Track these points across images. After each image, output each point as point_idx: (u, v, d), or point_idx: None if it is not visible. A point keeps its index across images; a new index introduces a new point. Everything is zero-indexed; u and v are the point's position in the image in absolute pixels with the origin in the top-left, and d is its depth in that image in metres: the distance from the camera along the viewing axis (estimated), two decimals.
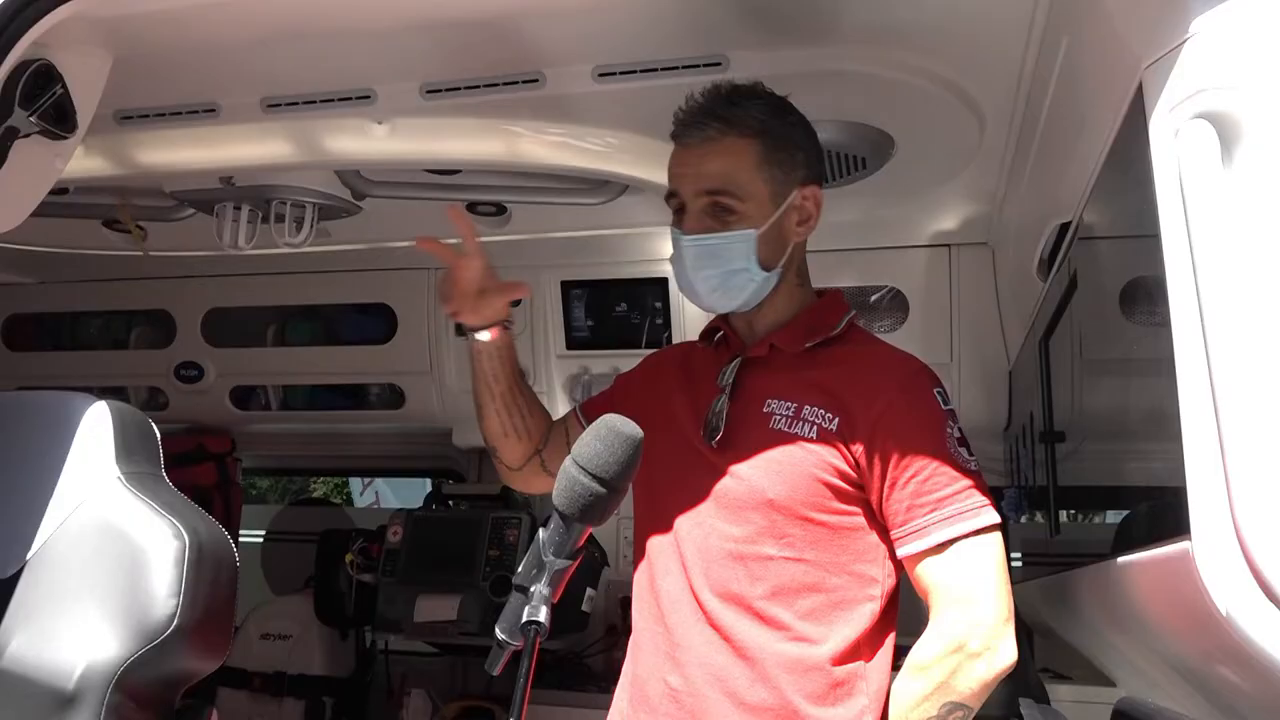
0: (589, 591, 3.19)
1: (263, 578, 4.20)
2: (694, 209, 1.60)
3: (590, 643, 3.35)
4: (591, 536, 3.49)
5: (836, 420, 1.52)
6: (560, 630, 3.24)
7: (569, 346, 3.27)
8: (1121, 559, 1.41)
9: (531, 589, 1.20)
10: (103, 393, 3.63)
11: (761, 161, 1.58)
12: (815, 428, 1.53)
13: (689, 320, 3.03)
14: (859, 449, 1.51)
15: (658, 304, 3.15)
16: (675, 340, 3.06)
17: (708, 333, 1.75)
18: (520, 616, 1.18)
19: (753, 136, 1.58)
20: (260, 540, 4.45)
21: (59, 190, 2.58)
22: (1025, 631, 2.93)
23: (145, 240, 2.82)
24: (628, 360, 3.16)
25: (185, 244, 2.83)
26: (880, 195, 2.37)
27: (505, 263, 3.13)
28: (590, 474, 1.21)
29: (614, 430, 1.22)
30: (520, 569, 1.24)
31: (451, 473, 3.93)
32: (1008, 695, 1.76)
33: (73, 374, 3.67)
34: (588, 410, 1.87)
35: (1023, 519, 2.90)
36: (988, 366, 2.92)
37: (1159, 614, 1.30)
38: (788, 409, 1.56)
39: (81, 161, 2.33)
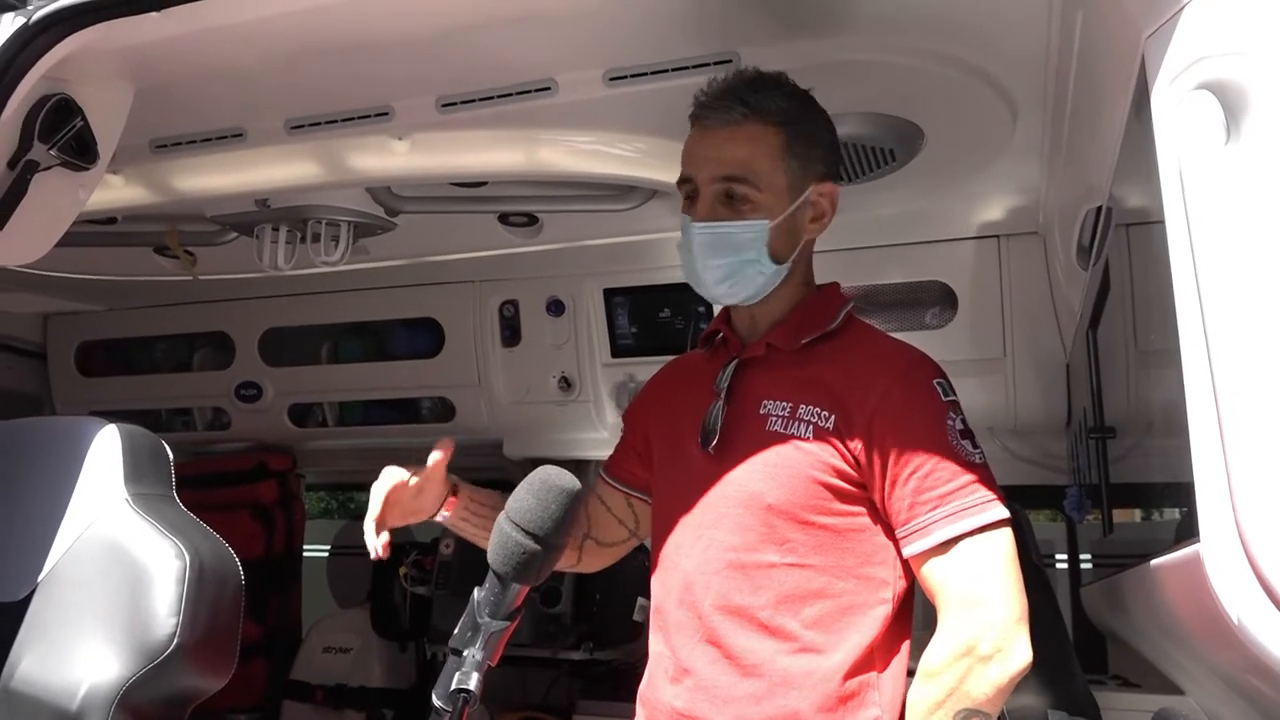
0: (640, 601, 3.16)
1: (328, 592, 4.28)
2: (708, 195, 1.54)
3: (645, 653, 3.31)
4: (642, 545, 3.48)
5: (833, 418, 1.46)
6: (612, 640, 3.22)
7: (614, 354, 3.26)
8: (1154, 561, 1.33)
9: (465, 653, 1.14)
10: (170, 415, 3.81)
11: (783, 152, 1.53)
12: (811, 427, 1.47)
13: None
14: (857, 446, 1.44)
15: (701, 308, 3.11)
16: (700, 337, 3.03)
17: (708, 336, 1.70)
18: (452, 683, 1.12)
19: (776, 125, 1.53)
20: (326, 554, 4.54)
21: (108, 220, 2.68)
22: (1097, 636, 2.82)
23: (195, 265, 2.90)
24: None
25: (232, 267, 2.90)
26: (914, 187, 2.30)
27: (546, 272, 3.19)
28: (524, 530, 1.16)
29: (547, 484, 1.17)
30: (456, 630, 1.18)
31: (504, 483, 3.94)
32: (1041, 706, 1.67)
33: (141, 397, 3.81)
34: (610, 470, 1.83)
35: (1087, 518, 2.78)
36: (1043, 360, 2.82)
37: (1185, 619, 1.22)
38: (783, 409, 1.50)
39: (124, 191, 2.41)
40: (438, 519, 1.74)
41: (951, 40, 1.75)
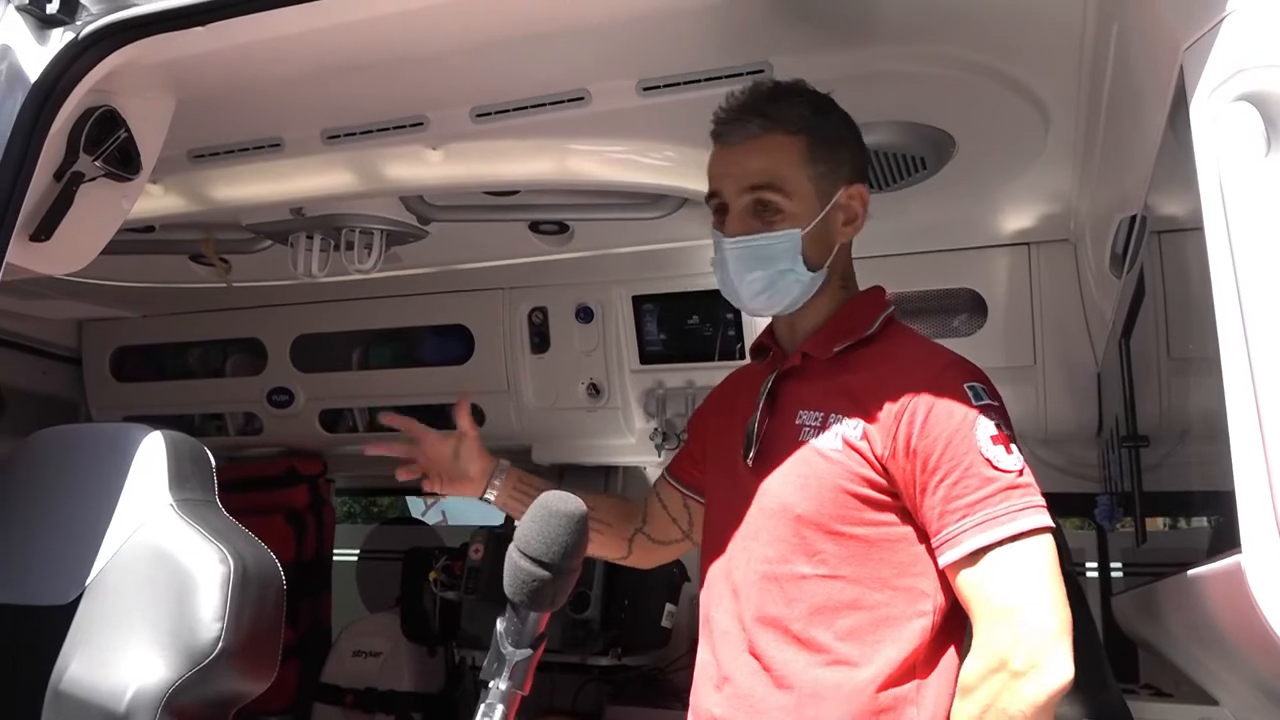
0: (669, 607, 3.17)
1: (358, 596, 4.31)
2: (737, 208, 1.54)
3: (674, 658, 3.32)
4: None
5: (861, 426, 1.44)
6: (641, 646, 3.23)
7: (643, 361, 3.27)
8: (1191, 571, 1.33)
9: (491, 684, 1.17)
10: (203, 419, 3.85)
11: (806, 159, 1.53)
12: (840, 437, 1.46)
13: (761, 330, 3.00)
14: (886, 455, 1.42)
15: (729, 315, 3.12)
16: (749, 351, 3.03)
17: (756, 349, 1.71)
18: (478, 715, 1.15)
19: (797, 133, 1.53)
20: (355, 559, 4.57)
21: (146, 229, 2.72)
22: (1128, 646, 2.79)
23: (229, 272, 2.94)
24: (702, 373, 3.17)
25: (266, 274, 2.93)
26: (945, 195, 2.30)
27: (575, 279, 3.21)
28: (530, 558, 1.18)
29: (549, 510, 1.19)
30: (485, 661, 1.20)
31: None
32: (1075, 716, 1.66)
33: (175, 402, 3.85)
34: (672, 470, 1.88)
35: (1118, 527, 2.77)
36: (1074, 369, 2.81)
37: (1223, 630, 1.22)
38: (816, 419, 1.49)
39: (162, 200, 2.45)
40: (487, 497, 1.84)
41: (984, 49, 1.76)
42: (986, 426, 1.40)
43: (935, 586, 1.44)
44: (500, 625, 1.20)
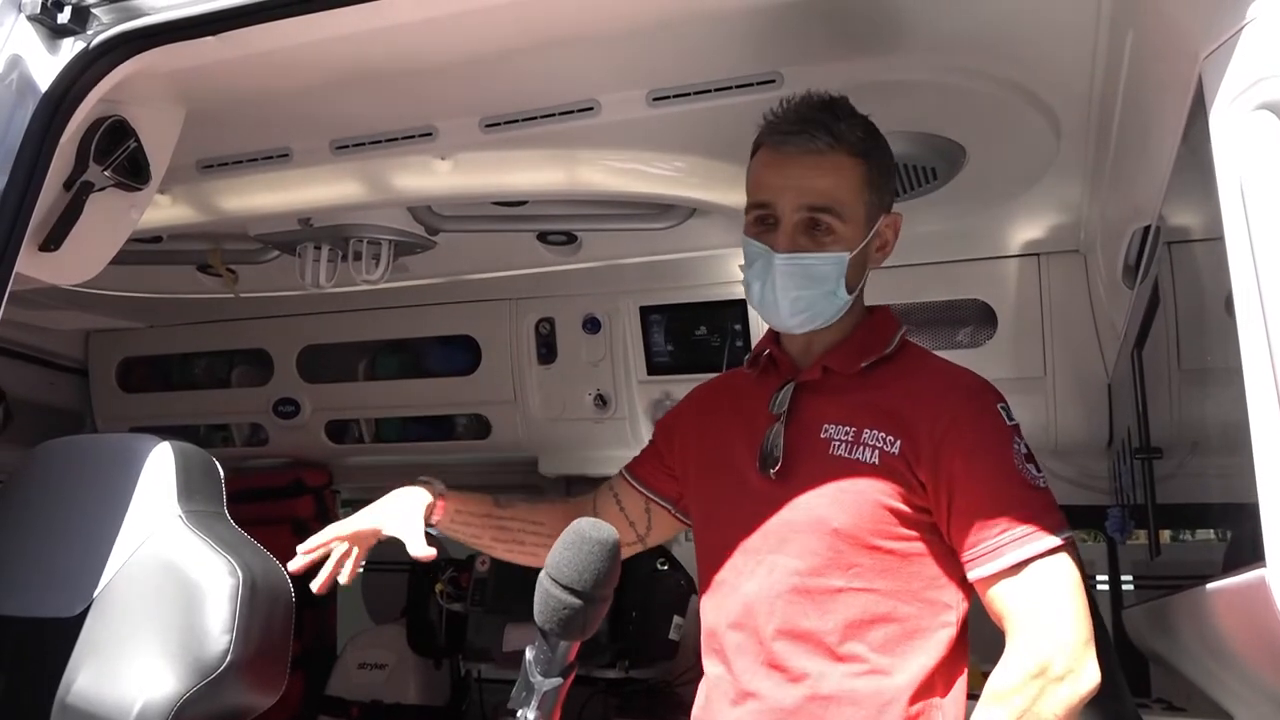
0: (676, 620, 3.16)
1: (363, 608, 4.29)
2: (790, 224, 1.50)
3: (681, 671, 3.30)
4: (678, 563, 3.45)
5: (898, 443, 1.46)
6: (648, 659, 3.21)
7: (650, 371, 3.27)
8: (1210, 585, 1.31)
9: (519, 713, 1.15)
10: (209, 430, 3.83)
11: (864, 184, 1.52)
12: (877, 452, 1.46)
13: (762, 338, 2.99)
14: (923, 471, 1.44)
15: (737, 326, 3.12)
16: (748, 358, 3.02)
17: (754, 358, 1.70)
18: None
19: (859, 156, 1.52)
20: (360, 570, 4.55)
21: (154, 239, 2.72)
22: (1139, 659, 2.77)
23: (236, 283, 2.93)
24: None
25: (273, 285, 2.93)
26: (955, 206, 2.29)
27: (582, 289, 3.21)
28: (562, 586, 1.16)
29: (582, 537, 1.18)
30: (513, 690, 1.19)
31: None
32: None
33: (181, 413, 3.85)
34: (635, 471, 1.82)
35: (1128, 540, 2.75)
36: (1085, 380, 2.79)
37: (1247, 645, 1.20)
38: (847, 434, 1.49)
39: (170, 210, 2.45)
40: (429, 528, 1.72)
41: (996, 60, 1.75)
42: (1019, 445, 1.45)
43: (957, 598, 1.48)
44: (529, 654, 1.18)
